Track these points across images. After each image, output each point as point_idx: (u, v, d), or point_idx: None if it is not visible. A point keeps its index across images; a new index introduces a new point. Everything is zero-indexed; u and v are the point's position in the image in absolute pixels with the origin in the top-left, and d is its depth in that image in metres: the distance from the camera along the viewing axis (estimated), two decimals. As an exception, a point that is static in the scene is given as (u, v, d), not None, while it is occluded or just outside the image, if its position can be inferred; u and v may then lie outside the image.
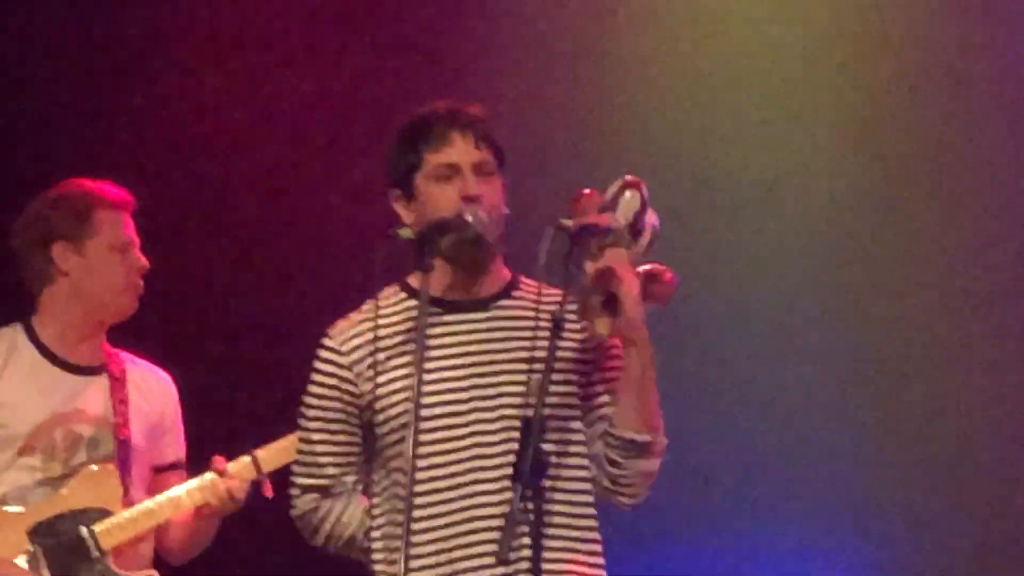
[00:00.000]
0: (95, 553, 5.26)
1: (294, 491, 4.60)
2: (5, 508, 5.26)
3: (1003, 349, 7.22)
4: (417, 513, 4.19)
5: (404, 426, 4.19)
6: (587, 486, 4.44)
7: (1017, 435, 7.18)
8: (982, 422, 7.24)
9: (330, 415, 4.50)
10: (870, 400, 7.42)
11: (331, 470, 4.51)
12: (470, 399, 4.39)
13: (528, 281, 4.46)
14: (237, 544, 6.13)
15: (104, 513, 5.27)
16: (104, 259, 5.41)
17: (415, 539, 4.18)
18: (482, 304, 4.47)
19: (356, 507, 4.54)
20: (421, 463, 4.23)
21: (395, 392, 4.35)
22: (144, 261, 5.47)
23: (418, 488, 4.22)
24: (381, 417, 4.35)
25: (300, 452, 4.59)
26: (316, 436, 4.52)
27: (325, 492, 4.55)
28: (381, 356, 4.43)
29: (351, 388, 4.43)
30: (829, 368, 7.30)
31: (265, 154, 7.82)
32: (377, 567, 4.34)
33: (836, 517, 7.25)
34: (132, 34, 8.10)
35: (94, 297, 5.44)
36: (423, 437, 4.24)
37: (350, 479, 4.56)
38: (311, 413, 4.50)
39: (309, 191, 7.53)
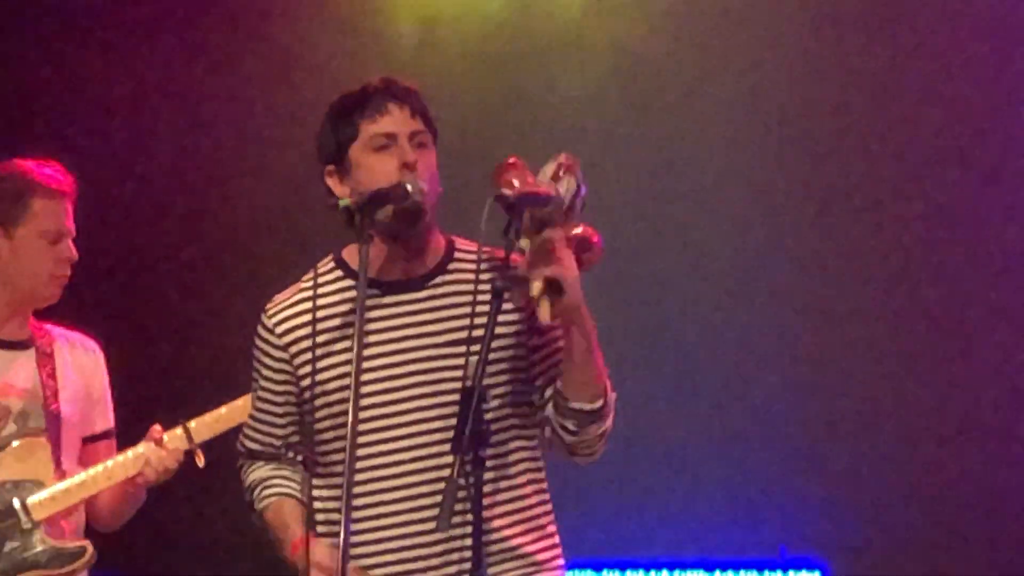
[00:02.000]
0: (27, 525, 5.26)
1: (240, 455, 4.63)
2: None
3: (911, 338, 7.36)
4: (358, 489, 4.21)
5: (344, 412, 4.19)
6: (527, 449, 4.42)
7: (921, 403, 7.30)
8: (896, 397, 7.40)
9: (273, 381, 4.49)
10: (804, 379, 7.55)
11: (275, 435, 4.52)
12: (410, 385, 4.37)
13: (465, 246, 4.45)
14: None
15: (37, 485, 5.28)
16: (32, 247, 5.42)
17: (357, 515, 4.19)
18: (419, 283, 4.44)
19: (294, 477, 4.54)
20: (362, 439, 4.23)
21: (334, 379, 4.35)
22: (73, 252, 5.45)
23: (359, 465, 4.23)
24: (320, 401, 4.35)
25: (249, 417, 4.63)
26: (260, 405, 4.52)
27: (268, 459, 4.54)
28: (320, 338, 4.45)
29: (288, 367, 4.43)
30: (766, 349, 7.43)
31: (204, 145, 7.86)
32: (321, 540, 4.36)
33: (773, 486, 7.39)
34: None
35: (16, 283, 5.44)
36: (363, 415, 4.25)
37: (293, 455, 4.59)
38: (257, 384, 4.50)
39: (238, 177, 7.58)
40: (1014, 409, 6.68)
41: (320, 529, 4.37)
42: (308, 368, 4.35)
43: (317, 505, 4.39)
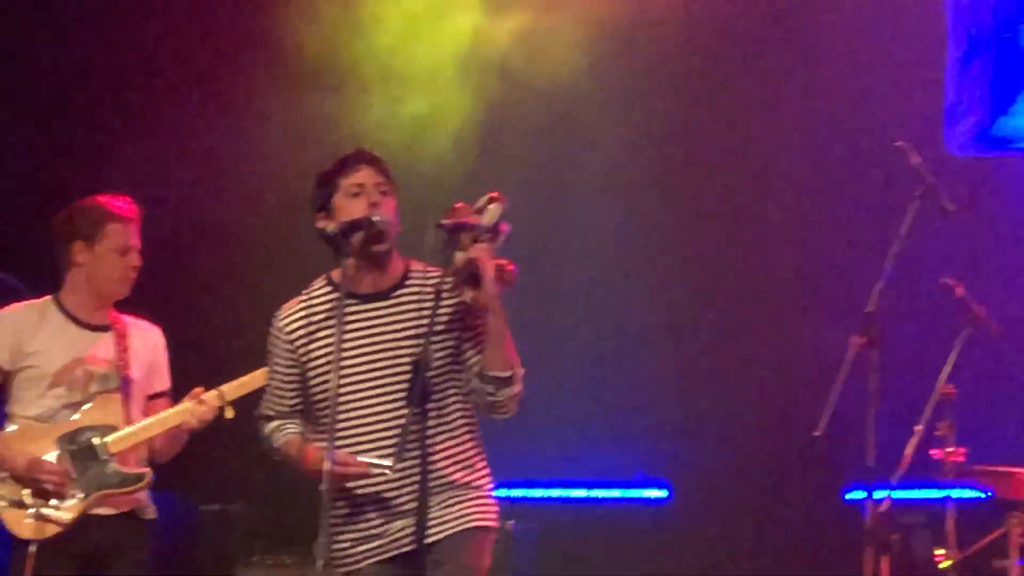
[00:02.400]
0: (104, 456, 6.00)
1: (259, 418, 5.35)
2: (39, 423, 6.06)
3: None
4: (340, 435, 4.96)
5: (327, 389, 4.96)
6: (462, 407, 5.17)
7: (752, 357, 8.42)
8: (732, 353, 8.50)
9: (283, 365, 5.27)
10: (661, 335, 8.69)
11: (286, 403, 5.28)
12: (379, 366, 5.10)
13: (417, 266, 5.16)
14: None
15: (111, 428, 6.03)
16: (107, 258, 6.16)
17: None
18: (386, 294, 5.16)
19: (299, 426, 5.28)
20: (342, 401, 4.99)
21: (321, 365, 5.10)
22: (137, 262, 6.21)
23: (341, 420, 4.99)
24: (312, 379, 5.12)
25: (266, 391, 5.39)
26: (275, 380, 5.31)
27: (282, 417, 5.32)
28: (313, 331, 5.21)
29: (293, 355, 5.18)
30: (633, 312, 8.58)
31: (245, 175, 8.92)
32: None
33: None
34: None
35: (97, 284, 6.20)
36: (344, 387, 5.01)
37: (299, 415, 5.28)
38: (272, 366, 5.27)
39: (260, 219, 8.60)
40: (823, 365, 6.82)
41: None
42: (305, 353, 5.16)
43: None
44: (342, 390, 5.06)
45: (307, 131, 8.64)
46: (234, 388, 6.08)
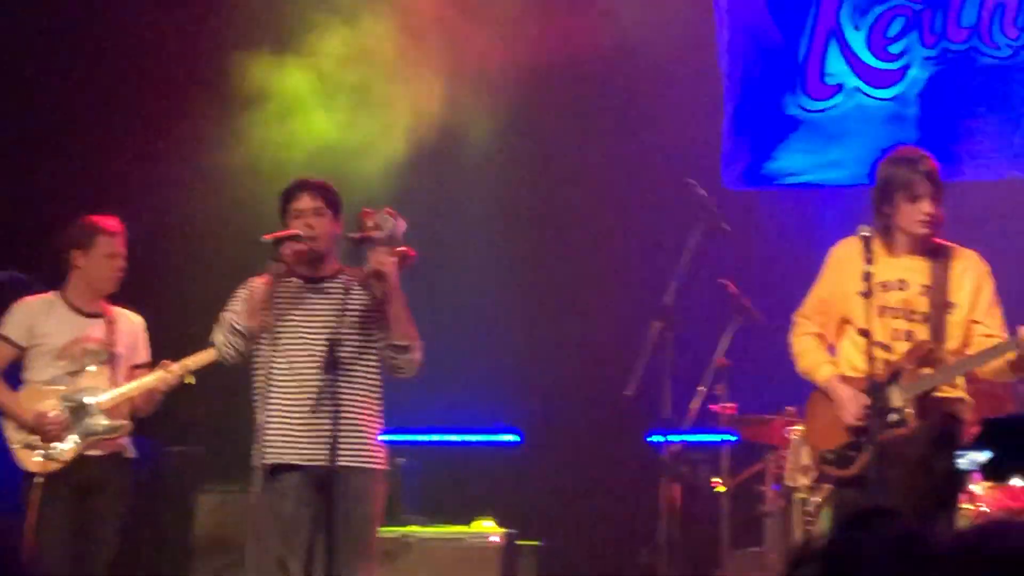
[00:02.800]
0: (95, 410, 6.52)
1: (218, 334, 5.95)
2: (47, 386, 6.55)
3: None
4: (274, 390, 5.73)
5: (273, 341, 5.73)
6: (369, 372, 5.82)
7: (589, 323, 8.93)
8: (572, 320, 9.06)
9: (239, 303, 5.96)
10: (518, 309, 9.25)
11: (237, 325, 5.90)
12: (311, 332, 5.83)
13: (347, 270, 5.87)
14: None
15: (100, 390, 6.58)
16: (98, 262, 6.67)
17: (271, 407, 5.74)
18: (320, 280, 5.95)
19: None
20: (279, 362, 5.76)
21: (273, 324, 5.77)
22: (122, 264, 6.70)
23: (276, 377, 5.74)
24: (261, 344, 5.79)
25: (225, 314, 5.97)
26: (233, 308, 5.95)
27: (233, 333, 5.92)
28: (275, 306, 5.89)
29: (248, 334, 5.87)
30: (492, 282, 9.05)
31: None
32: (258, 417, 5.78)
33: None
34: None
35: (92, 282, 6.71)
36: (280, 350, 5.77)
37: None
38: (234, 301, 5.95)
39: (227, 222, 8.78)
40: (633, 342, 7.04)
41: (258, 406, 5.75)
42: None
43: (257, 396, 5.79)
44: (279, 355, 5.79)
45: (250, 155, 8.89)
46: (193, 361, 6.57)
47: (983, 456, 6.51)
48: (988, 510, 6.74)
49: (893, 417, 5.61)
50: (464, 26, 9.14)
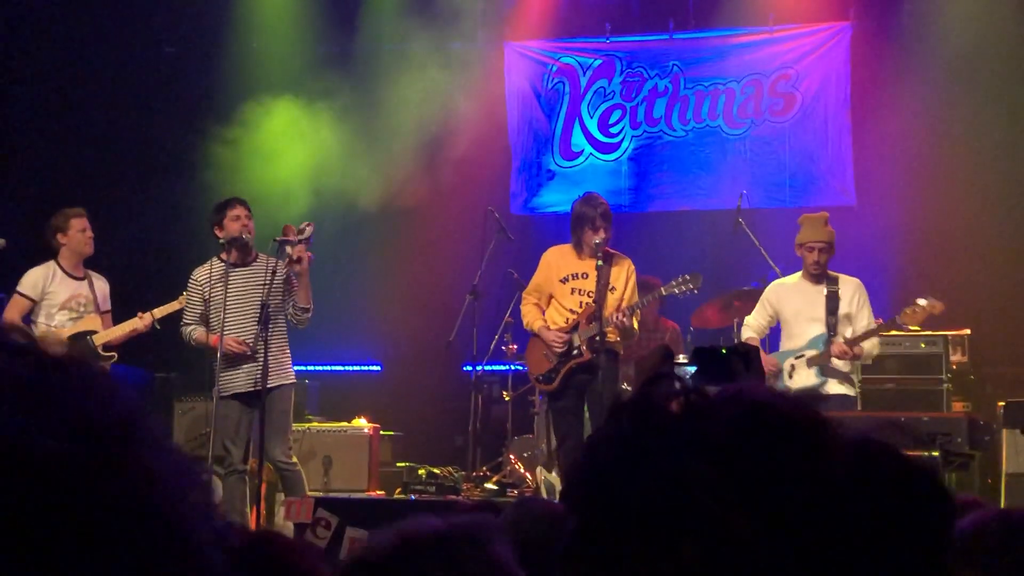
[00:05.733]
0: (92, 345, 6.24)
1: (182, 326, 5.90)
2: (55, 329, 6.23)
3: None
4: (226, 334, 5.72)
5: (219, 310, 5.68)
6: (284, 323, 5.91)
7: None
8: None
9: (195, 298, 5.91)
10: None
11: (196, 316, 5.91)
12: (246, 301, 5.80)
13: (263, 256, 5.89)
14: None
15: (94, 332, 6.34)
16: (76, 236, 6.32)
17: (224, 354, 5.77)
18: (249, 263, 5.92)
19: (202, 328, 5.84)
20: (226, 319, 5.71)
21: (215, 297, 5.75)
22: (91, 235, 6.30)
23: (226, 328, 5.72)
24: (210, 304, 5.79)
25: (184, 310, 5.97)
26: (190, 305, 5.95)
27: (194, 324, 5.90)
28: (212, 280, 5.84)
29: (200, 291, 5.87)
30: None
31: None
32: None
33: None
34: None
35: (74, 251, 6.34)
36: (227, 310, 5.74)
37: (201, 322, 5.79)
38: (189, 298, 5.93)
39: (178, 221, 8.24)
40: (456, 308, 7.31)
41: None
42: (207, 293, 5.81)
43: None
44: (227, 310, 5.76)
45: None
46: (163, 310, 6.26)
47: (690, 371, 6.73)
48: None
49: (575, 352, 5.90)
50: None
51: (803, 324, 5.82)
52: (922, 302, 5.59)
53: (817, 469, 0.80)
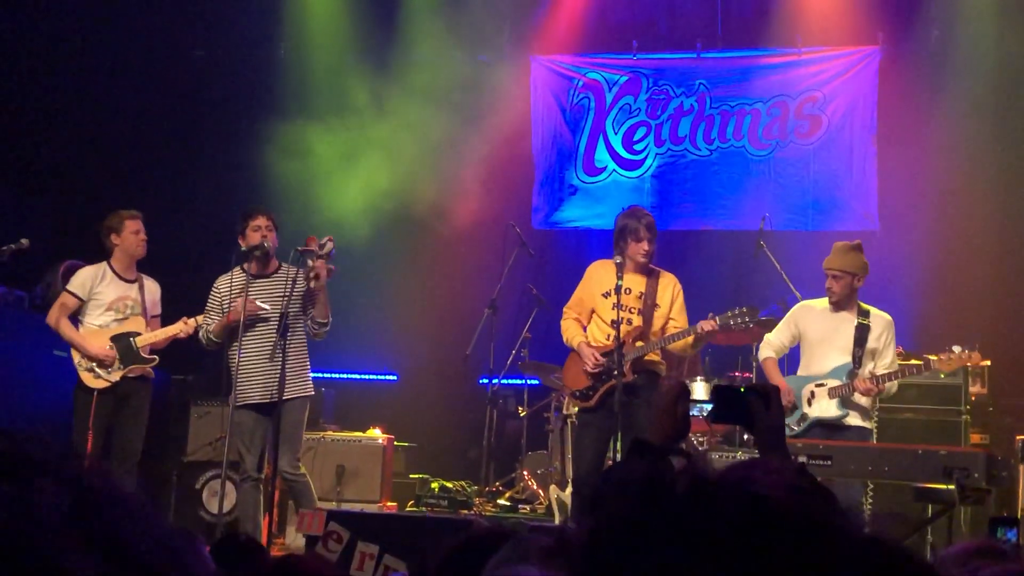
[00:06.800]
0: (135, 347, 6.22)
1: (202, 323, 5.84)
2: (101, 329, 6.19)
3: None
4: (243, 355, 5.56)
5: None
6: (303, 334, 5.76)
7: None
8: None
9: (214, 304, 5.82)
10: None
11: (214, 318, 5.80)
12: (267, 313, 5.66)
13: (285, 266, 5.75)
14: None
15: (138, 333, 6.27)
16: (129, 238, 6.28)
17: (244, 356, 5.62)
18: (270, 274, 5.77)
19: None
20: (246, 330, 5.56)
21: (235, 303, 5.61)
22: (144, 238, 6.28)
23: (246, 338, 5.56)
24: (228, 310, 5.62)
25: (206, 311, 5.87)
26: (209, 308, 5.83)
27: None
28: (233, 289, 5.72)
29: (221, 300, 5.74)
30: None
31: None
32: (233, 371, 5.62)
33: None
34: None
35: (127, 252, 6.30)
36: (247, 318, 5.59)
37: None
38: (209, 302, 5.84)
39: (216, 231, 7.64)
40: (474, 322, 7.54)
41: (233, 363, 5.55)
42: (230, 301, 5.69)
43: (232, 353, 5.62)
44: (246, 319, 5.56)
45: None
46: (201, 318, 6.11)
47: (708, 408, 6.54)
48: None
49: (615, 372, 5.52)
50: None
51: (827, 351, 5.69)
52: (957, 350, 5.47)
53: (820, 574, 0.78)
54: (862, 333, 5.61)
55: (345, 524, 4.38)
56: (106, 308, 6.20)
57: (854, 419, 5.60)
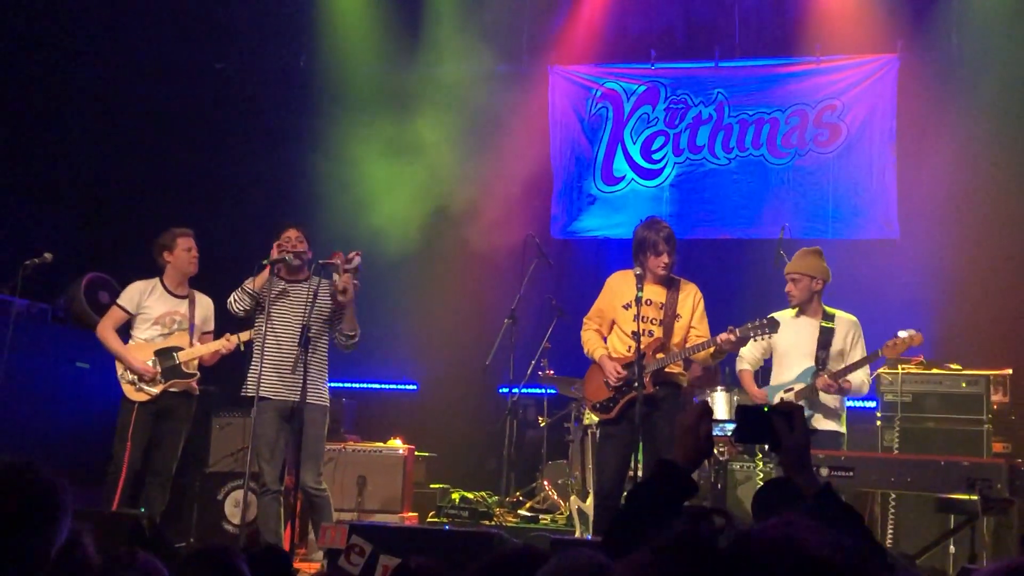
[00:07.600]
0: (177, 361, 6.22)
1: (235, 305, 5.80)
2: (146, 343, 6.23)
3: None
4: (266, 358, 5.67)
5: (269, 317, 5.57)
6: (324, 346, 5.75)
7: None
8: None
9: (247, 295, 5.84)
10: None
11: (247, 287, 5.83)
12: (292, 317, 5.71)
13: (314, 277, 5.81)
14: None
15: (181, 348, 6.28)
16: (181, 255, 6.33)
17: (267, 364, 5.70)
18: (301, 281, 5.85)
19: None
20: (270, 333, 5.63)
21: (271, 305, 5.65)
22: (196, 255, 6.31)
23: (270, 344, 5.64)
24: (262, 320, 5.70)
25: (241, 293, 5.81)
26: (244, 295, 5.85)
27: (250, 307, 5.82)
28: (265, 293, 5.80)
29: (254, 297, 5.79)
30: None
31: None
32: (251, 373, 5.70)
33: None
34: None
35: (178, 269, 6.34)
36: (274, 324, 5.66)
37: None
38: (243, 292, 5.81)
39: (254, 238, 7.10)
40: (494, 332, 7.42)
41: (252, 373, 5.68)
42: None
43: (255, 359, 5.71)
44: (271, 325, 5.67)
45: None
46: (245, 335, 6.21)
47: (731, 427, 6.50)
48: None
49: (636, 384, 5.43)
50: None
51: (794, 358, 5.72)
52: (903, 334, 5.52)
53: None
54: (826, 336, 5.67)
55: (367, 537, 4.36)
56: (153, 322, 6.22)
57: (822, 422, 5.62)
